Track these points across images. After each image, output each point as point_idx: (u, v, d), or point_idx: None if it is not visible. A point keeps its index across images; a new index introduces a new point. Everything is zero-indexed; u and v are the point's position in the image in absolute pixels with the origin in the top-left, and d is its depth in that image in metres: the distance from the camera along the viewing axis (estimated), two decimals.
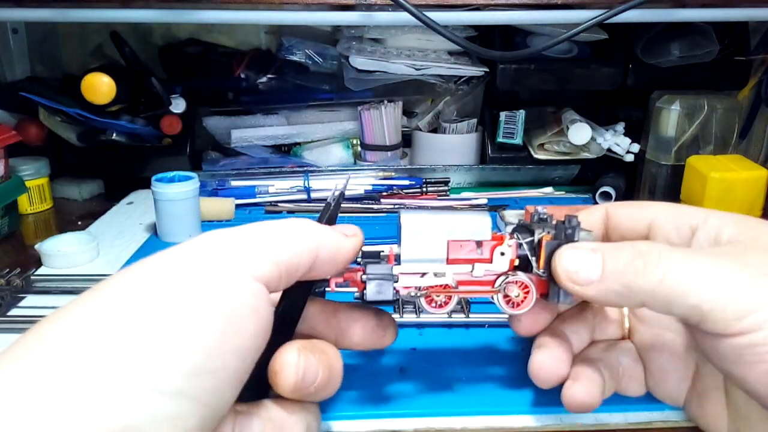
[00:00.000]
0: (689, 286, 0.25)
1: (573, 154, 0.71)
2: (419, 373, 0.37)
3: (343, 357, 0.28)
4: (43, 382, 0.19)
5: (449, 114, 0.78)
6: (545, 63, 0.68)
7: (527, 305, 0.31)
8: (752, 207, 0.55)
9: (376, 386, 0.36)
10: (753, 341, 0.24)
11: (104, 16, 0.57)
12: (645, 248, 0.27)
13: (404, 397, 0.35)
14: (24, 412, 0.18)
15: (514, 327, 0.33)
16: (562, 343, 0.32)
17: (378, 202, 0.67)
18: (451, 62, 0.71)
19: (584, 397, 0.31)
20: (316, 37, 0.77)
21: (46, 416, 0.18)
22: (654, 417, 0.34)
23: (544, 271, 0.30)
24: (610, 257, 0.27)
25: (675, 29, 0.64)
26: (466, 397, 0.35)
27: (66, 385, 0.19)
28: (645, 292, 0.26)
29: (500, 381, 0.36)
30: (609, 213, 0.34)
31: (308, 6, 0.57)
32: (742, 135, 0.75)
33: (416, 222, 0.30)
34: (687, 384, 0.33)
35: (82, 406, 0.19)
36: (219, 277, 0.23)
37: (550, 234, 0.30)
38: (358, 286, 0.30)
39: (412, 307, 0.42)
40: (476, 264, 0.31)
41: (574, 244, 0.29)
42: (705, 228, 0.30)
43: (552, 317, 0.34)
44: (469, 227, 0.31)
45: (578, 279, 0.28)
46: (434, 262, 0.30)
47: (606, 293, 0.27)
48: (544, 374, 0.32)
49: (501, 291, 0.31)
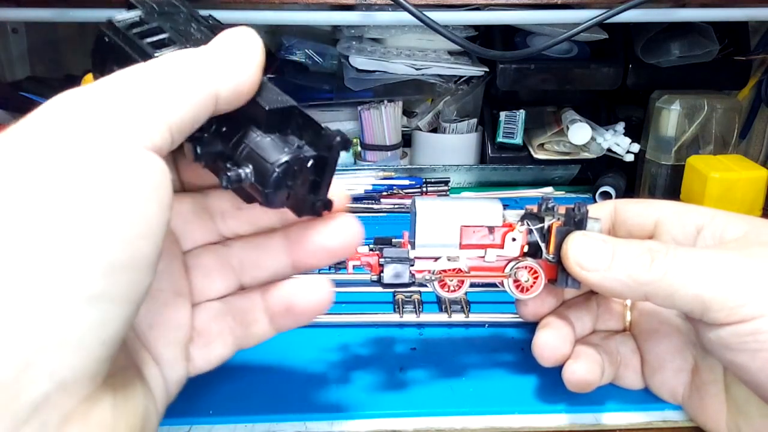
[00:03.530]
0: (691, 277, 0.26)
1: (573, 154, 0.71)
2: (419, 373, 0.37)
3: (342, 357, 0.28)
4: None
5: (449, 114, 0.78)
6: (545, 63, 0.67)
7: (536, 290, 0.32)
8: (752, 207, 0.55)
9: (376, 386, 0.36)
10: (756, 328, 0.25)
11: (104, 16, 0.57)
12: (654, 246, 0.28)
13: (404, 397, 0.35)
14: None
15: (520, 311, 0.34)
16: (566, 325, 0.33)
17: (378, 202, 0.67)
18: (451, 62, 0.71)
19: (584, 374, 0.31)
20: (316, 37, 0.77)
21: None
22: (654, 417, 0.34)
23: (554, 256, 0.31)
24: (619, 249, 0.28)
25: (675, 29, 0.64)
26: (466, 397, 0.35)
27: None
28: (649, 284, 0.27)
29: (500, 381, 0.36)
30: (617, 208, 0.34)
31: (308, 6, 0.57)
32: (742, 135, 0.75)
33: (431, 208, 0.31)
34: (684, 377, 0.33)
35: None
36: (109, 155, 0.18)
37: (560, 221, 0.31)
38: (374, 269, 0.31)
39: (412, 308, 0.42)
40: (488, 249, 0.31)
41: (585, 231, 0.30)
42: (710, 227, 0.30)
43: (558, 303, 0.35)
44: (481, 214, 0.32)
45: (587, 265, 0.28)
46: (448, 246, 0.31)
47: (611, 282, 0.28)
48: (548, 352, 0.32)
49: (511, 276, 0.32)
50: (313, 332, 0.41)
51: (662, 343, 0.33)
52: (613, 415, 0.34)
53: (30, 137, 0.18)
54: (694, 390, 0.32)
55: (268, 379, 0.36)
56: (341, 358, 0.38)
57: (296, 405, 0.34)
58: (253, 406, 0.34)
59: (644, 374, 0.34)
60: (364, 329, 0.41)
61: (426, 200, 0.32)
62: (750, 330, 0.25)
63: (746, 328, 0.25)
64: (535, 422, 0.34)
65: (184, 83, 0.20)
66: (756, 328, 0.25)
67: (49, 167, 0.18)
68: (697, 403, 0.32)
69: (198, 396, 0.35)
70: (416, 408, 0.34)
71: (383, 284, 0.31)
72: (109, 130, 0.18)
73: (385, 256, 0.31)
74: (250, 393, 0.35)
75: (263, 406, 0.34)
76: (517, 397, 0.35)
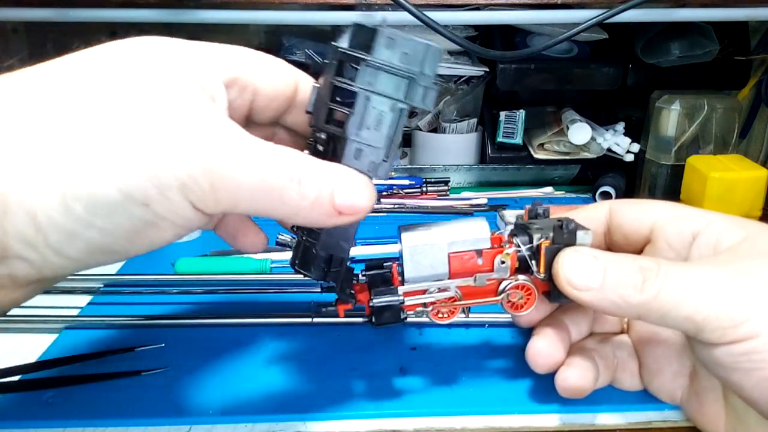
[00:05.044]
0: (683, 298, 0.26)
1: (573, 154, 0.71)
2: (419, 373, 0.37)
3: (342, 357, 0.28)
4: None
5: (449, 114, 0.77)
6: (545, 63, 0.67)
7: (530, 306, 0.32)
8: (752, 207, 0.55)
9: (376, 386, 0.36)
10: (749, 349, 0.25)
11: (104, 16, 0.57)
12: (646, 264, 0.27)
13: (404, 397, 0.35)
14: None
15: (515, 319, 0.34)
16: (560, 332, 0.33)
17: (378, 202, 0.67)
18: (451, 62, 0.71)
19: (576, 381, 0.31)
20: (316, 37, 0.77)
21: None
22: (653, 417, 0.34)
23: (545, 275, 0.30)
24: (611, 268, 0.28)
25: (675, 29, 0.64)
26: (466, 397, 0.35)
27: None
28: (641, 305, 0.27)
29: (500, 381, 0.36)
30: (612, 210, 0.34)
31: (308, 6, 0.57)
32: (742, 135, 0.75)
33: (417, 239, 0.31)
34: (683, 381, 0.33)
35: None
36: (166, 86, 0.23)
37: (548, 239, 0.30)
38: (366, 309, 0.32)
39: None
40: (478, 275, 0.31)
41: (575, 247, 0.30)
42: (706, 234, 0.30)
43: (552, 308, 0.34)
44: (468, 235, 0.31)
45: (578, 284, 0.28)
46: (438, 278, 0.31)
47: (603, 302, 0.28)
48: (541, 360, 0.32)
49: (505, 298, 0.32)
50: (313, 332, 0.41)
51: (660, 346, 0.33)
52: (613, 414, 0.34)
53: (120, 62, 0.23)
54: (693, 394, 0.32)
55: (268, 379, 0.37)
56: (341, 358, 0.38)
57: (296, 405, 0.34)
58: (253, 406, 0.34)
59: (642, 377, 0.34)
60: (365, 329, 0.41)
61: (411, 231, 0.31)
62: (743, 350, 0.25)
63: (739, 348, 0.25)
64: (535, 422, 0.34)
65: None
66: (749, 348, 0.25)
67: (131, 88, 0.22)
68: (696, 408, 0.32)
69: (198, 396, 0.35)
70: (416, 408, 0.34)
71: (375, 325, 0.32)
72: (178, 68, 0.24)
73: (374, 299, 0.31)
74: (250, 393, 0.35)
75: (263, 406, 0.34)
76: (517, 397, 0.35)
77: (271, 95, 0.29)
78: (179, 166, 0.22)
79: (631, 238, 0.33)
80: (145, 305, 0.45)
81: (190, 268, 0.50)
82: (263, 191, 0.23)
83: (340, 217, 0.25)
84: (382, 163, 0.27)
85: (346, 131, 0.26)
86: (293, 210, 0.24)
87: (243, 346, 0.40)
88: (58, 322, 0.42)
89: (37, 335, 0.41)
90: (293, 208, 0.24)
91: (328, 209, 0.25)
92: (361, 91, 0.25)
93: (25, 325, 0.42)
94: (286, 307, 0.44)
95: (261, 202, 0.24)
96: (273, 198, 0.24)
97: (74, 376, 0.36)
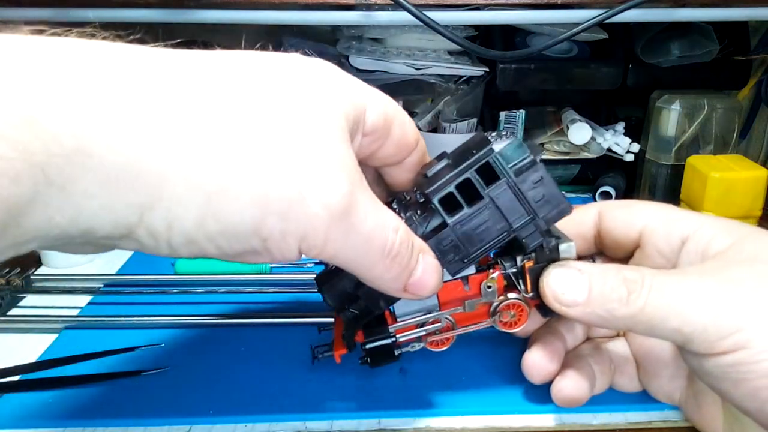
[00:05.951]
0: (669, 311, 0.26)
1: (573, 154, 0.71)
2: (419, 373, 0.37)
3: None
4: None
5: (449, 114, 0.77)
6: (545, 63, 0.67)
7: (523, 322, 0.32)
8: (752, 207, 0.55)
9: (376, 386, 0.36)
10: (736, 360, 0.25)
11: (104, 16, 0.57)
12: (630, 276, 0.27)
13: (404, 397, 0.35)
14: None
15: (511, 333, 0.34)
16: (555, 342, 0.33)
17: None
18: (451, 62, 0.71)
19: (571, 392, 0.32)
20: (316, 37, 0.77)
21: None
22: (653, 417, 0.34)
23: (533, 293, 0.31)
24: (596, 281, 0.28)
25: (675, 29, 0.64)
26: (466, 397, 0.35)
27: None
28: (627, 318, 0.27)
29: (500, 381, 0.36)
30: (602, 213, 0.34)
31: (308, 6, 0.57)
32: (742, 135, 0.75)
33: None
34: (680, 382, 0.33)
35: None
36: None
37: (531, 260, 0.30)
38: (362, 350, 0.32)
39: None
40: (467, 301, 0.32)
41: (560, 262, 0.30)
42: (695, 239, 0.30)
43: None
44: None
45: (565, 300, 0.28)
46: (428, 310, 0.32)
47: (590, 316, 0.28)
48: (536, 371, 0.33)
49: (497, 319, 0.32)
50: (313, 332, 0.41)
51: (657, 349, 0.33)
52: (613, 414, 0.34)
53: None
54: (691, 396, 0.32)
55: (268, 379, 0.37)
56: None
57: (296, 405, 0.34)
58: (253, 406, 0.34)
59: (640, 379, 0.34)
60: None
61: None
62: (731, 362, 0.25)
63: (727, 360, 0.25)
64: (535, 422, 0.34)
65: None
66: (737, 360, 0.25)
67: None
68: (694, 409, 0.32)
69: (198, 396, 0.35)
70: (416, 408, 0.34)
71: (372, 366, 0.33)
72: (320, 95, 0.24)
73: (367, 343, 0.32)
74: (250, 393, 0.35)
75: (263, 406, 0.34)
76: (516, 397, 0.35)
77: (392, 153, 0.29)
78: (309, 217, 0.22)
79: (620, 242, 0.33)
80: (145, 305, 0.45)
81: (190, 268, 0.50)
82: (361, 255, 0.24)
83: (403, 293, 0.26)
84: (461, 263, 0.28)
85: (452, 220, 0.27)
86: (369, 276, 0.25)
87: (243, 346, 0.40)
88: (58, 322, 0.42)
89: (37, 335, 0.41)
90: (372, 275, 0.25)
91: (399, 286, 0.26)
92: (488, 199, 0.27)
93: (25, 325, 0.42)
94: (286, 307, 0.44)
95: (351, 263, 0.24)
96: (362, 264, 0.24)
97: (74, 376, 0.36)
